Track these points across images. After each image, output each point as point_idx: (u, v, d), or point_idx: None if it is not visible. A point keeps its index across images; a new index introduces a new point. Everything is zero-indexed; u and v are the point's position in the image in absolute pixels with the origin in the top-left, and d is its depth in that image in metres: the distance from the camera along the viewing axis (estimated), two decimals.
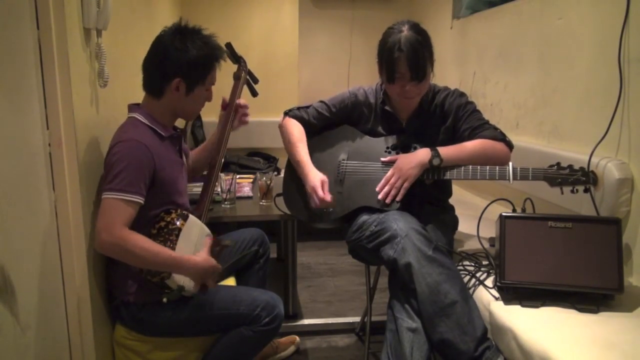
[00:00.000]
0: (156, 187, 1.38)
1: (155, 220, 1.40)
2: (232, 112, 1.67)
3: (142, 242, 1.29)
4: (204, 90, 1.48)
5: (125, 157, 1.31)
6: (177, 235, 1.37)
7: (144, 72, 1.45)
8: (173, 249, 1.36)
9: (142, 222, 1.35)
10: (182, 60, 1.39)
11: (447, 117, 1.68)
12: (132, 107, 1.46)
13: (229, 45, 1.72)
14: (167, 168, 1.42)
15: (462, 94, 1.71)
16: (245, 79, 1.76)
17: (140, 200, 1.32)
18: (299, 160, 1.70)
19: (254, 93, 1.84)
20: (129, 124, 1.41)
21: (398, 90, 1.61)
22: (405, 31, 1.55)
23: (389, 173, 1.61)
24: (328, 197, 1.60)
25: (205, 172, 1.66)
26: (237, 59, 1.76)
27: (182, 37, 1.40)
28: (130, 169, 1.30)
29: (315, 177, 1.63)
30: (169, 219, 1.40)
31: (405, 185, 1.57)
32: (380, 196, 1.61)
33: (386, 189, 1.60)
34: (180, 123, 1.58)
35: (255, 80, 1.82)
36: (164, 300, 1.38)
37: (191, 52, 1.39)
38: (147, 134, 1.40)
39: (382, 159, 1.67)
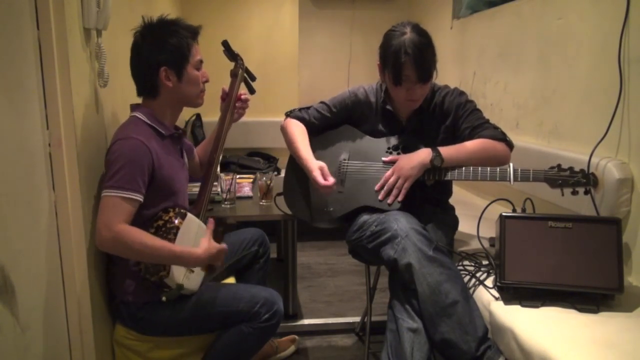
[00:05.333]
0: (155, 186, 1.38)
1: (153, 219, 1.40)
2: (230, 109, 1.67)
3: (142, 237, 1.29)
4: (194, 69, 1.46)
5: (123, 155, 1.31)
6: (175, 234, 1.37)
7: (134, 81, 1.46)
8: None
9: (140, 221, 1.35)
10: (159, 50, 1.40)
11: (447, 116, 1.68)
12: (134, 107, 1.47)
13: (225, 43, 1.71)
14: (166, 167, 1.42)
15: (462, 93, 1.71)
16: (243, 76, 1.75)
17: (138, 197, 1.32)
18: (300, 157, 1.70)
19: (252, 91, 1.83)
20: (130, 123, 1.42)
21: (404, 93, 1.61)
22: (409, 33, 1.55)
23: (389, 173, 1.62)
24: (330, 180, 1.60)
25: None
26: (233, 56, 1.74)
27: (151, 33, 1.42)
28: (128, 166, 1.31)
29: (314, 166, 1.64)
30: (166, 218, 1.40)
31: (406, 185, 1.58)
32: (380, 196, 1.61)
33: (385, 188, 1.61)
34: (180, 123, 1.58)
35: (253, 78, 1.81)
36: (163, 299, 1.38)
37: (165, 40, 1.40)
38: (147, 132, 1.40)
39: (384, 159, 1.67)
